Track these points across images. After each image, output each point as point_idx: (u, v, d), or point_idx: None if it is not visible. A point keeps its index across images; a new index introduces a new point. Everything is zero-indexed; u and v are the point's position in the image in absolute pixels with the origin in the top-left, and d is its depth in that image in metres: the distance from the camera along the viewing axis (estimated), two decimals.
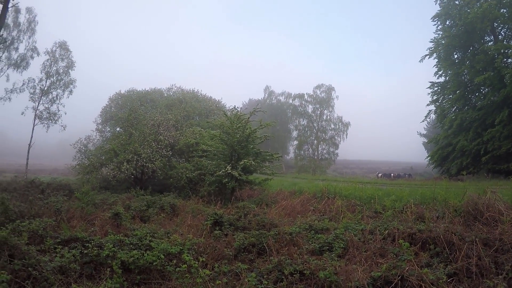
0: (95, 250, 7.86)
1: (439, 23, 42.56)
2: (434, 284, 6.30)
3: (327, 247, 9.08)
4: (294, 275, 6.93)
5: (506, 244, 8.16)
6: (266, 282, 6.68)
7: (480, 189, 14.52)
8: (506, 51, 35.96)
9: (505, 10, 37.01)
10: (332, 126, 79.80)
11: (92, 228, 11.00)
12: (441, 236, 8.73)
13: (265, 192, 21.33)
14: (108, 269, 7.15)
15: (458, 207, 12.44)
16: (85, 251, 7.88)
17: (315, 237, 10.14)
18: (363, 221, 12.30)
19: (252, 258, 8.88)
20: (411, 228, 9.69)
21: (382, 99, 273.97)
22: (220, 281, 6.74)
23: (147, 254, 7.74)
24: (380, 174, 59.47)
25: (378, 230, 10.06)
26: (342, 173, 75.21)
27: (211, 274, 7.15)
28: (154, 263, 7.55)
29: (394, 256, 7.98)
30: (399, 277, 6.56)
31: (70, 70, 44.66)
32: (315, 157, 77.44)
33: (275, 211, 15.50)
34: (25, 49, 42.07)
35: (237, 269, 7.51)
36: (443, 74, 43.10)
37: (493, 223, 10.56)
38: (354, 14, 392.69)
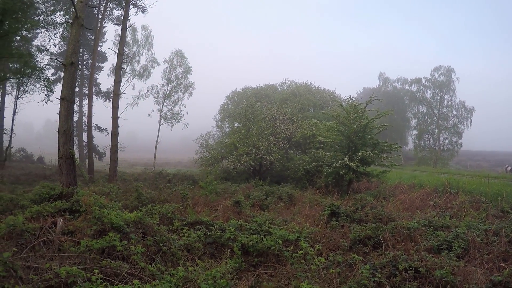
0: (218, 232, 8.48)
1: None
2: None
3: (446, 246, 8.59)
4: (409, 272, 6.71)
5: None
6: (379, 275, 6.57)
7: None
8: None
9: None
10: (454, 112, 71.92)
11: (215, 214, 11.80)
12: None
13: (383, 184, 20.83)
14: (229, 250, 7.68)
15: None
16: (209, 233, 8.54)
17: (434, 234, 9.64)
18: (488, 221, 11.36)
19: (367, 250, 8.81)
20: None
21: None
22: (333, 270, 6.80)
23: (266, 239, 8.10)
24: (509, 168, 53.84)
25: (504, 231, 9.16)
26: (466, 166, 69.31)
27: (325, 262, 7.23)
28: (272, 248, 7.87)
29: None
30: None
31: (187, 75, 49.41)
32: (436, 147, 71.37)
33: (393, 204, 15.09)
34: (146, 60, 47.89)
35: (351, 260, 7.49)
36: None
37: None
38: None
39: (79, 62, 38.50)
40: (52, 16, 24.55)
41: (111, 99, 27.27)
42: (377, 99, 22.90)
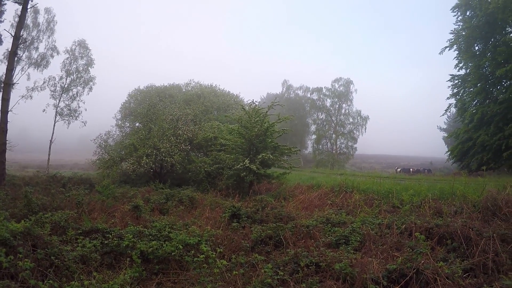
0: (115, 240, 8.10)
1: (459, 13, 41.39)
2: (449, 278, 6.27)
3: (344, 241, 9.11)
4: (310, 267, 7.02)
5: None
6: (282, 273, 6.76)
7: (500, 185, 14.38)
8: None
9: None
10: (351, 120, 78.44)
11: (112, 220, 11.25)
12: (459, 231, 8.68)
13: (283, 186, 21.35)
14: (128, 258, 7.36)
15: (476, 203, 12.30)
16: (106, 242, 8.13)
17: (331, 231, 10.18)
18: (381, 216, 12.26)
19: (269, 250, 9.01)
20: (428, 223, 9.66)
21: (401, 93, 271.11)
22: (236, 272, 6.84)
23: (166, 245, 7.92)
24: (399, 169, 58.90)
25: (395, 224, 10.03)
26: (361, 168, 74.77)
27: (228, 264, 7.26)
28: (173, 253, 7.72)
29: (410, 250, 7.96)
30: (414, 270, 6.55)
31: (89, 68, 45.84)
32: (333, 151, 76.71)
33: (292, 204, 15.56)
34: (45, 48, 43.29)
35: (254, 260, 7.63)
36: (463, 67, 41.91)
37: None
38: (375, 10, 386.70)
39: None
40: None
41: (1, 90, 24.05)
42: (279, 104, 23.63)
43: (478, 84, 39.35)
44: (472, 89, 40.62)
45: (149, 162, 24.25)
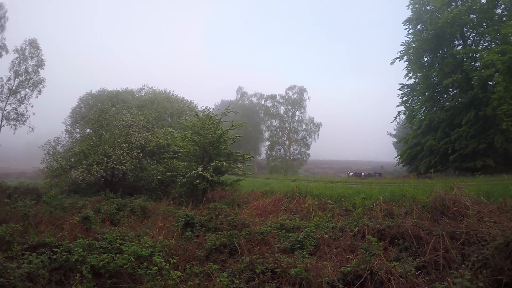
0: (64, 255, 7.75)
1: (410, 27, 43.65)
2: (403, 277, 6.48)
3: (298, 245, 9.24)
4: (266, 274, 7.04)
5: (472, 237, 8.49)
6: (238, 281, 6.75)
7: (447, 186, 15.01)
8: (474, 55, 37.68)
9: (474, 16, 38.58)
10: (304, 126, 79.80)
11: (61, 233, 10.82)
12: (409, 231, 9.03)
13: (237, 193, 21.33)
14: (78, 274, 7.09)
15: (426, 203, 12.91)
16: (54, 257, 7.76)
17: (286, 236, 10.29)
18: (334, 219, 12.51)
19: (224, 258, 8.95)
20: (380, 224, 9.99)
21: (354, 101, 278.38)
22: (192, 282, 6.77)
23: (117, 258, 7.68)
24: (351, 174, 60.36)
25: (348, 227, 10.30)
26: (314, 173, 76.12)
27: (182, 275, 7.17)
28: (125, 267, 7.50)
29: (364, 251, 8.17)
30: (369, 272, 6.73)
31: (39, 69, 43.28)
32: (287, 157, 77.75)
33: (246, 211, 15.59)
34: None
35: (209, 270, 7.55)
36: (413, 76, 44.23)
37: (460, 217, 11.01)
38: (327, 19, 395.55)
39: None
40: None
41: None
42: (233, 111, 23.65)
43: (426, 93, 41.89)
44: (420, 97, 43.18)
45: (100, 170, 23.48)
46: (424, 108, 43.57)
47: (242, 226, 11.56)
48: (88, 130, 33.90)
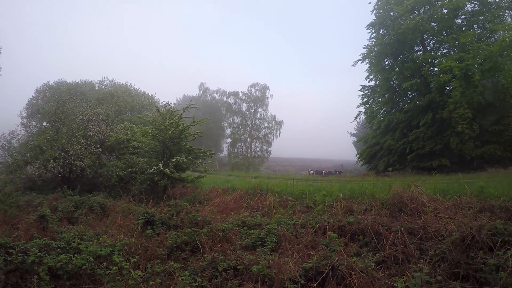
0: (20, 256, 7.40)
1: (373, 31, 45.05)
2: (364, 272, 6.65)
3: (260, 242, 9.34)
4: (228, 271, 7.08)
5: (429, 232, 8.88)
6: (200, 280, 6.74)
7: (405, 184, 15.48)
8: (433, 60, 39.99)
9: (435, 24, 40.58)
10: (266, 124, 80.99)
11: (16, 233, 10.41)
12: (369, 227, 9.32)
13: (198, 189, 21.18)
14: (35, 276, 6.82)
15: (384, 200, 13.35)
16: (9, 258, 7.37)
17: (248, 233, 10.38)
18: (295, 216, 12.74)
19: (186, 256, 8.94)
20: (340, 221, 10.22)
21: (315, 100, 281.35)
22: (153, 282, 6.73)
23: (76, 258, 7.47)
24: (312, 171, 61.17)
25: (310, 223, 10.50)
26: (275, 171, 76.54)
27: (143, 275, 7.10)
28: (84, 267, 7.31)
29: (325, 247, 8.34)
30: (330, 267, 6.86)
31: None
32: (249, 154, 78.26)
33: (208, 208, 15.52)
34: None
35: (171, 268, 7.50)
36: (373, 79, 45.70)
37: (417, 214, 11.49)
38: (291, 18, 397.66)
39: None
40: None
41: None
42: (194, 107, 23.44)
43: (386, 95, 43.46)
44: (380, 98, 44.73)
45: (57, 166, 22.70)
46: (383, 109, 45.08)
47: (203, 224, 11.54)
48: (45, 124, 32.88)
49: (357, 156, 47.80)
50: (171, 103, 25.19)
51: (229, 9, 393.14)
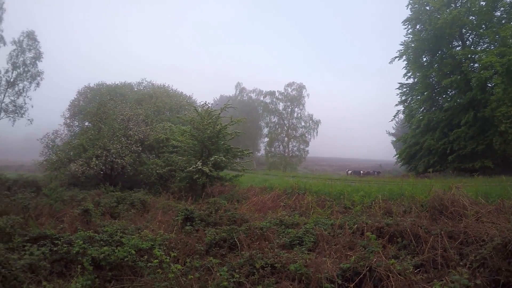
0: (65, 247, 7.81)
1: (409, 27, 43.61)
2: (401, 274, 6.52)
3: (298, 241, 9.29)
4: (266, 269, 7.10)
5: (470, 236, 8.49)
6: (238, 275, 6.79)
7: (445, 186, 14.98)
8: (472, 56, 37.80)
9: (473, 18, 38.68)
10: (303, 123, 79.77)
11: (61, 225, 10.84)
12: (408, 230, 9.05)
13: (236, 188, 21.35)
14: (79, 266, 7.10)
15: (424, 203, 12.91)
16: (55, 249, 7.81)
17: (285, 232, 10.33)
18: (333, 216, 12.57)
19: (224, 253, 9.01)
20: (379, 222, 9.98)
21: (353, 99, 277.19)
22: (192, 276, 6.79)
23: (118, 250, 7.73)
24: (350, 171, 60.28)
25: (347, 224, 10.33)
26: (313, 170, 75.92)
27: (183, 269, 7.21)
28: (126, 259, 7.55)
29: (363, 248, 8.21)
30: (367, 268, 6.77)
31: (37, 61, 43.08)
32: (286, 154, 77.81)
33: (246, 207, 15.60)
34: None
35: (209, 264, 7.59)
36: (411, 76, 44.26)
37: (458, 217, 11.03)
38: (328, 17, 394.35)
39: None
40: None
41: None
42: (232, 106, 23.66)
43: (425, 93, 41.91)
44: (419, 97, 43.18)
45: (99, 164, 23.49)
46: (423, 108, 43.66)
47: (241, 221, 11.64)
48: (87, 124, 33.91)
49: (396, 156, 46.66)
50: (208, 103, 25.53)
51: (267, 8, 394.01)
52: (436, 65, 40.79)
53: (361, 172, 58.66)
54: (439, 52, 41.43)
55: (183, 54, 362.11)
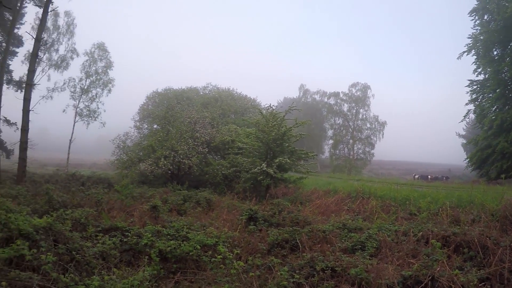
0: (134, 239, 8.25)
1: (476, 18, 40.05)
2: (465, 287, 6.24)
3: (360, 246, 9.13)
4: (326, 271, 7.06)
5: None
6: (298, 276, 6.81)
7: None
8: None
9: None
10: (368, 125, 77.20)
11: (131, 219, 11.41)
12: (476, 240, 8.58)
13: (300, 190, 21.37)
14: (146, 257, 7.45)
15: (495, 211, 12.18)
16: (125, 240, 8.29)
17: (348, 236, 10.18)
18: (397, 222, 12.24)
19: (285, 253, 9.05)
20: (445, 231, 9.55)
21: (419, 99, 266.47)
22: (253, 273, 6.90)
23: (184, 245, 8.04)
24: (416, 176, 58.28)
25: (412, 231, 10.00)
26: (378, 174, 74.07)
27: (244, 266, 7.34)
28: (191, 253, 7.84)
29: (426, 257, 7.91)
30: (430, 277, 6.54)
31: (108, 70, 46.42)
32: (351, 156, 75.99)
33: (309, 209, 15.57)
34: (65, 50, 44.16)
35: (270, 263, 7.68)
36: (482, 72, 40.48)
37: None
38: (392, 13, 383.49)
39: None
40: None
41: (23, 90, 24.47)
42: (296, 109, 23.73)
43: (497, 90, 38.12)
44: (491, 94, 39.38)
45: (167, 164, 24.47)
46: (495, 107, 39.85)
47: (304, 223, 11.67)
48: (155, 126, 35.35)
49: (467, 160, 43.85)
50: (272, 105, 25.79)
51: (318, 10, 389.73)
52: (508, 59, 37.27)
53: (429, 176, 56.48)
54: (511, 44, 38.45)
55: (246, 58, 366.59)
